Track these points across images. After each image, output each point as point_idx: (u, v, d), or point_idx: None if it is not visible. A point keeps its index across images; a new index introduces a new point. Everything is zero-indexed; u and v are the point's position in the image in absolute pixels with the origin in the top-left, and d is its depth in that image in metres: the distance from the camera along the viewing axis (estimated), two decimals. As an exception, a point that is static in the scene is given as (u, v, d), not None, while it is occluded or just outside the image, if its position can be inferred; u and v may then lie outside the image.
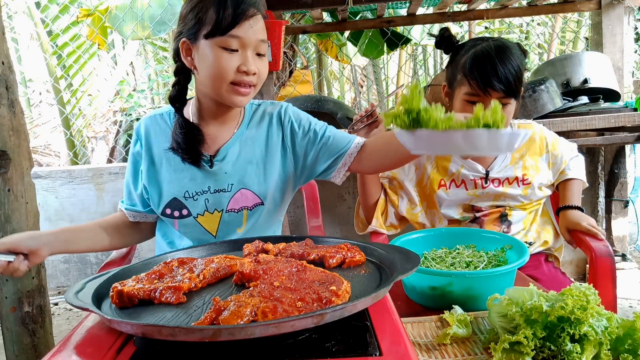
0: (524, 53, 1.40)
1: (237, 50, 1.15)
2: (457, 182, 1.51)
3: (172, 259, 0.91)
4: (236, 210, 1.31)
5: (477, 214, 1.51)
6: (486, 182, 1.48)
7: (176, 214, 1.29)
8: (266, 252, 0.96)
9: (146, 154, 1.31)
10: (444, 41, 1.47)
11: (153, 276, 0.82)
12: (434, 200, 1.54)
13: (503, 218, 1.52)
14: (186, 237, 1.32)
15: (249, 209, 1.32)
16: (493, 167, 1.50)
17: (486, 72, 1.31)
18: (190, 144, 1.25)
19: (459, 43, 1.47)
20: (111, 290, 0.77)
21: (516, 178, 1.49)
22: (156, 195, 1.30)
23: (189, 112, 1.31)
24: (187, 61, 1.21)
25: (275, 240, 1.02)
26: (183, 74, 1.26)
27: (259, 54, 1.19)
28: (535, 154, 1.52)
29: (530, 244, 1.54)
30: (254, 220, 1.32)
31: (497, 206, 1.52)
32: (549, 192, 1.56)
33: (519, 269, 1.22)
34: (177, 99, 1.27)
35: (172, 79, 1.30)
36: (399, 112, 0.84)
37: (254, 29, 1.15)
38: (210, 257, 0.92)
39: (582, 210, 1.52)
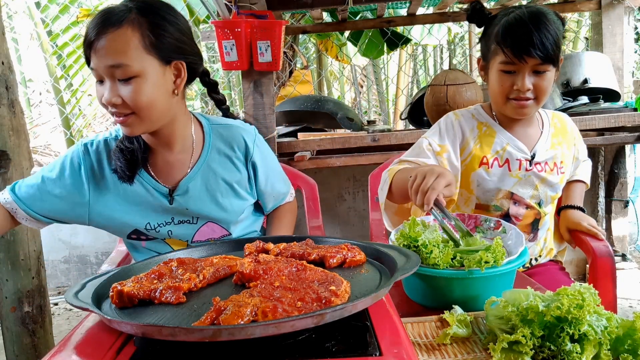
0: (562, 21, 1.32)
1: (102, 81, 1.07)
2: (500, 161, 1.40)
3: (171, 259, 0.91)
4: (202, 241, 1.28)
5: (512, 211, 1.43)
6: (530, 165, 1.40)
7: (142, 237, 1.26)
8: (267, 252, 0.96)
9: (96, 183, 1.21)
10: (476, 14, 1.40)
11: (153, 276, 0.82)
12: (469, 179, 1.42)
13: (535, 225, 1.46)
14: (155, 252, 1.29)
15: (216, 239, 1.29)
16: (537, 149, 1.41)
17: (521, 38, 1.24)
18: (125, 162, 1.17)
19: (491, 15, 1.39)
20: (111, 290, 0.77)
21: (555, 164, 1.43)
22: (116, 225, 1.24)
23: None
24: None
25: (276, 240, 1.02)
26: None
27: (121, 80, 1.05)
28: (567, 145, 1.48)
29: (539, 256, 1.51)
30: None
31: (533, 202, 1.44)
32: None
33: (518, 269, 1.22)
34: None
35: None
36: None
37: (98, 57, 1.04)
38: (210, 257, 0.92)
39: (583, 211, 1.50)
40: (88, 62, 1.07)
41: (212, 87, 1.36)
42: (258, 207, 1.45)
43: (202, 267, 0.86)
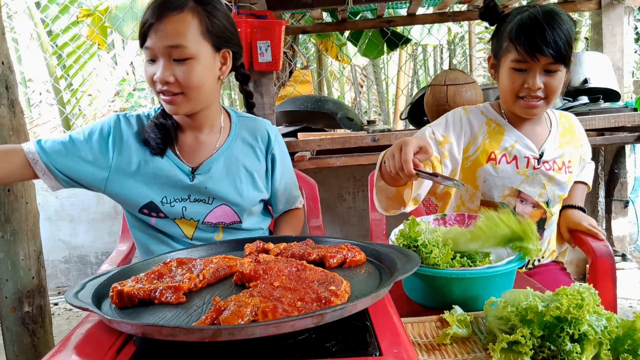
0: (574, 22, 1.32)
1: (154, 61, 1.15)
2: (509, 158, 1.40)
3: (171, 259, 0.91)
4: (212, 224, 1.31)
5: (518, 210, 1.42)
6: (538, 163, 1.41)
7: (153, 214, 1.28)
8: (267, 252, 0.96)
9: (121, 150, 1.25)
10: (489, 12, 1.39)
11: (152, 276, 0.82)
12: (476, 175, 1.41)
13: (540, 224, 1.45)
14: (161, 234, 1.31)
15: (226, 225, 1.32)
16: (545, 148, 1.41)
17: (534, 36, 1.24)
18: (158, 135, 1.24)
19: (504, 13, 1.38)
20: (111, 290, 0.77)
21: (563, 163, 1.43)
22: (132, 195, 1.26)
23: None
24: None
25: (276, 240, 1.02)
26: None
27: (177, 60, 1.14)
28: (574, 144, 1.48)
29: (542, 257, 1.50)
30: (230, 234, 1.34)
31: (542, 201, 1.43)
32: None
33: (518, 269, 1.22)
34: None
35: None
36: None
37: (157, 37, 1.12)
38: (210, 257, 0.92)
39: (584, 211, 1.50)
40: (143, 41, 1.15)
41: (244, 80, 1.43)
42: (267, 210, 1.48)
43: (202, 267, 0.86)
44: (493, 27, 1.43)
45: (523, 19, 1.27)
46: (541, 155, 1.41)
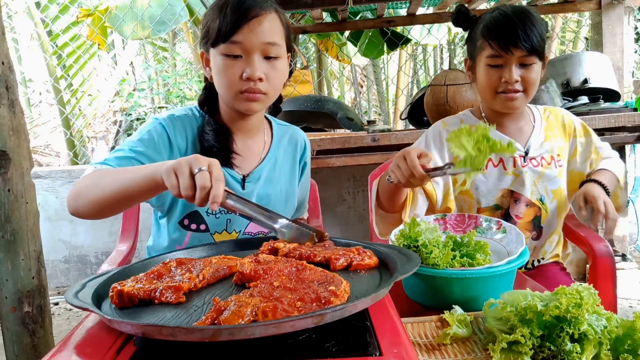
0: (545, 23, 1.35)
1: (240, 57, 1.10)
2: (495, 161, 1.42)
3: (170, 260, 0.91)
4: (253, 234, 1.28)
5: (512, 209, 1.42)
6: (525, 161, 1.41)
7: (193, 226, 1.23)
8: (277, 251, 0.95)
9: (170, 154, 1.18)
10: (461, 17, 1.43)
11: (152, 276, 0.82)
12: (467, 185, 1.42)
13: (536, 222, 1.45)
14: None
15: (265, 234, 1.27)
16: (531, 143, 1.42)
17: (506, 30, 1.27)
18: (221, 143, 1.18)
19: (475, 17, 1.42)
20: (111, 290, 0.77)
21: (552, 157, 1.43)
22: (176, 202, 1.21)
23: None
24: (206, 72, 1.19)
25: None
26: (210, 81, 1.21)
27: (268, 57, 1.12)
28: (563, 138, 1.47)
29: (542, 258, 1.49)
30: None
31: (535, 198, 1.42)
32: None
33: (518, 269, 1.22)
34: (205, 103, 1.24)
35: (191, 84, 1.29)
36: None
37: (256, 31, 1.09)
38: (210, 257, 0.92)
39: (607, 191, 1.33)
40: (225, 36, 1.09)
41: None
42: None
43: (201, 267, 0.86)
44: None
45: (494, 16, 1.32)
46: (527, 152, 1.42)
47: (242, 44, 1.09)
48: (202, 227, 1.23)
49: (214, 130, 1.19)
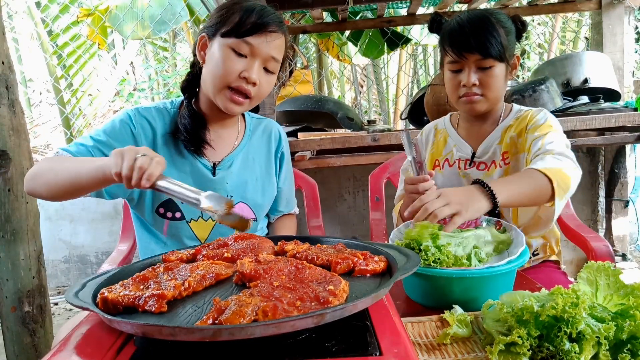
0: (520, 22, 1.35)
1: (245, 57, 1.16)
2: (450, 162, 1.48)
3: (159, 264, 0.89)
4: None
5: None
6: (470, 164, 1.43)
7: (169, 215, 1.27)
8: (285, 252, 0.94)
9: (134, 145, 1.19)
10: (435, 25, 1.45)
11: (138, 280, 0.80)
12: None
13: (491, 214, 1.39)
14: (171, 241, 1.29)
15: None
16: (480, 147, 1.43)
17: (458, 36, 1.31)
18: (195, 129, 1.24)
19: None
20: (99, 295, 0.75)
21: (502, 158, 1.39)
22: (151, 192, 1.25)
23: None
24: (200, 55, 1.23)
25: (313, 241, 1.01)
26: (198, 67, 1.27)
27: (267, 69, 1.20)
28: (518, 133, 1.39)
29: (535, 254, 1.47)
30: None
31: None
32: None
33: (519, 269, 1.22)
34: (187, 89, 1.29)
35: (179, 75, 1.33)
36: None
37: (269, 43, 1.17)
38: (197, 263, 0.88)
39: (483, 185, 1.14)
40: (242, 33, 1.15)
41: None
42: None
43: (188, 274, 0.82)
44: None
45: (450, 23, 1.36)
46: (473, 155, 1.44)
47: (253, 47, 1.16)
48: (178, 215, 1.27)
49: (190, 116, 1.25)
